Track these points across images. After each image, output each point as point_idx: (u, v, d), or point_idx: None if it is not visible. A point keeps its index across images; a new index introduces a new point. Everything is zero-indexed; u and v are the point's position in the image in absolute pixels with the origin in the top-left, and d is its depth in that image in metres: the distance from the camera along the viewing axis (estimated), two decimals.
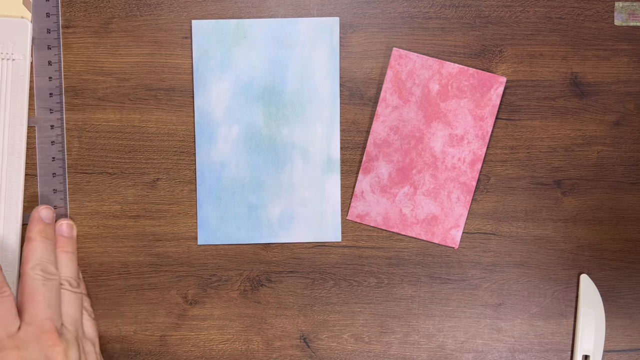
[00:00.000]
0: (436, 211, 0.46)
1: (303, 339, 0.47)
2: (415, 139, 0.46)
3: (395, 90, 0.46)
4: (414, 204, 0.46)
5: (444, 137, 0.46)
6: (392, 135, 0.46)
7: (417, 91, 0.46)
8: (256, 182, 0.47)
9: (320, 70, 0.47)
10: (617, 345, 0.47)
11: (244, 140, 0.47)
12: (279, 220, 0.47)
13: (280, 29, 0.46)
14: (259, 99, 0.47)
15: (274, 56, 0.47)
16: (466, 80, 0.46)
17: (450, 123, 0.46)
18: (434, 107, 0.46)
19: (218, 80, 0.47)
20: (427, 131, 0.46)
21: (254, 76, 0.47)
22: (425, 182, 0.46)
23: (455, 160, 0.46)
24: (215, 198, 0.47)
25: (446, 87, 0.46)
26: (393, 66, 0.46)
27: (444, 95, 0.46)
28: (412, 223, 0.46)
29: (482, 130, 0.46)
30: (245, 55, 0.46)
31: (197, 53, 0.46)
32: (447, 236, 0.46)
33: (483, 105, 0.46)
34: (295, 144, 0.47)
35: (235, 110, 0.47)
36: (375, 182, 0.46)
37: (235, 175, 0.47)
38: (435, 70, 0.46)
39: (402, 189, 0.46)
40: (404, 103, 0.46)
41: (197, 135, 0.47)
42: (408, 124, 0.46)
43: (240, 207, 0.47)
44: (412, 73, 0.46)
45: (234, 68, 0.47)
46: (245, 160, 0.47)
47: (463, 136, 0.46)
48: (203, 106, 0.47)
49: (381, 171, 0.46)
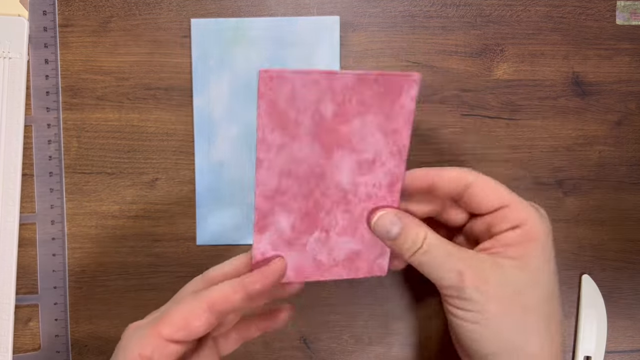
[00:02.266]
0: (357, 247, 0.38)
1: (303, 340, 0.47)
2: (316, 176, 0.35)
3: (275, 126, 0.33)
4: (330, 247, 0.38)
5: (352, 166, 0.36)
6: (284, 181, 0.35)
7: (305, 120, 0.33)
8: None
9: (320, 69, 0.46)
10: (619, 346, 0.47)
11: (243, 140, 0.46)
12: None
13: (280, 28, 0.46)
14: None
15: (273, 55, 0.46)
16: (368, 89, 0.34)
17: (357, 148, 0.35)
18: (332, 134, 0.34)
19: (217, 80, 0.46)
20: (329, 164, 0.35)
21: (253, 75, 0.46)
22: (338, 221, 0.37)
23: (370, 188, 0.36)
24: (214, 198, 0.47)
25: (343, 105, 0.34)
26: (264, 94, 0.32)
27: (342, 117, 0.34)
28: (330, 266, 0.38)
29: (398, 145, 0.36)
30: (244, 55, 0.46)
31: (196, 52, 0.46)
32: (372, 267, 0.39)
33: (394, 115, 0.35)
34: None
35: (235, 109, 0.46)
36: (277, 238, 0.36)
37: (235, 175, 0.47)
38: (324, 88, 0.33)
39: (311, 236, 0.37)
40: (291, 139, 0.34)
41: (196, 134, 0.46)
42: (303, 163, 0.35)
43: (239, 207, 0.47)
44: (294, 98, 0.33)
45: (234, 67, 0.46)
46: (244, 160, 0.47)
47: (374, 159, 0.36)
48: (202, 106, 0.46)
49: (281, 225, 0.36)
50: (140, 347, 0.33)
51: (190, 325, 0.33)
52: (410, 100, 0.35)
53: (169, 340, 0.33)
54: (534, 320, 0.34)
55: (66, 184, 0.47)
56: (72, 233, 0.47)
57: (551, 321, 0.35)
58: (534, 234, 0.35)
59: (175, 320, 0.33)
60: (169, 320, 0.33)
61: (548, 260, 0.35)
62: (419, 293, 0.47)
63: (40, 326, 0.47)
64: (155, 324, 0.34)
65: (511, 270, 0.34)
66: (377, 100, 0.34)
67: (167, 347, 0.33)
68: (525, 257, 0.35)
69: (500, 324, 0.34)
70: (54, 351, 0.47)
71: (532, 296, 0.35)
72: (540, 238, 0.35)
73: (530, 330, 0.34)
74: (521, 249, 0.35)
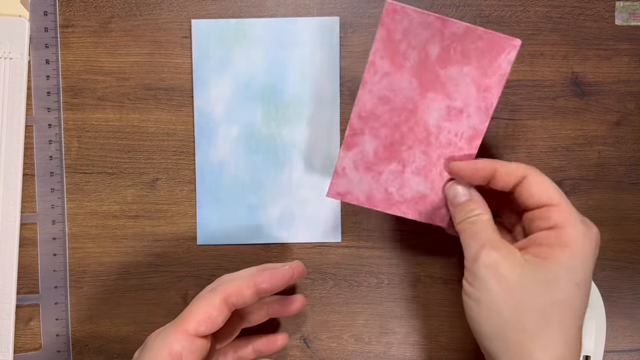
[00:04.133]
0: (425, 190, 0.40)
1: (303, 339, 0.47)
2: (407, 111, 0.39)
3: (386, 53, 0.38)
4: (401, 182, 0.40)
5: (441, 110, 0.39)
6: (380, 106, 0.39)
7: (412, 55, 0.38)
8: (256, 182, 0.47)
9: (321, 70, 0.46)
10: (618, 345, 0.47)
11: (244, 140, 0.47)
12: (279, 220, 0.47)
13: (280, 29, 0.46)
14: (258, 98, 0.46)
15: (273, 56, 0.46)
16: (473, 43, 0.38)
17: (450, 94, 0.39)
18: (431, 75, 0.38)
19: (217, 80, 0.46)
20: (422, 102, 0.39)
21: (253, 76, 0.46)
22: (416, 160, 0.40)
23: (452, 135, 0.39)
24: (215, 198, 0.47)
25: (448, 50, 0.38)
26: (385, 23, 0.37)
27: (444, 61, 0.38)
28: (397, 202, 0.41)
29: (486, 103, 0.39)
30: (245, 55, 0.46)
31: (197, 53, 0.46)
32: (435, 214, 0.41)
33: (491, 73, 0.38)
34: (295, 144, 0.47)
35: (235, 110, 0.46)
36: (359, 159, 0.40)
37: (235, 175, 0.47)
38: (436, 30, 0.37)
39: (388, 166, 0.40)
40: (397, 69, 0.38)
41: (197, 135, 0.47)
42: (400, 94, 0.39)
43: (239, 207, 0.47)
44: (408, 32, 0.37)
45: (234, 68, 0.46)
46: (244, 161, 0.47)
47: (462, 109, 0.39)
48: (202, 106, 0.46)
49: (366, 147, 0.40)
50: (168, 346, 0.35)
51: (211, 316, 0.36)
52: (507, 63, 0.38)
53: (195, 334, 0.36)
54: (534, 321, 0.34)
55: (67, 183, 0.47)
56: (73, 233, 0.47)
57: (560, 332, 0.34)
58: (568, 240, 0.34)
59: (198, 315, 0.36)
60: (192, 317, 0.36)
61: (573, 270, 0.34)
62: (419, 293, 0.47)
63: (41, 326, 0.47)
64: (178, 322, 0.36)
65: (528, 266, 0.34)
66: (477, 55, 0.38)
67: (194, 343, 0.36)
68: (549, 260, 0.34)
69: (498, 310, 0.34)
70: (55, 351, 0.47)
71: (540, 298, 0.34)
72: (573, 245, 0.34)
73: (529, 331, 0.34)
74: (549, 250, 0.35)
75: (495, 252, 0.35)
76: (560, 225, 0.35)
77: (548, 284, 0.34)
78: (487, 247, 0.35)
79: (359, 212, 0.47)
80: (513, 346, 0.34)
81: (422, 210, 0.41)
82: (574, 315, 0.34)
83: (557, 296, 0.34)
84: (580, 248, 0.34)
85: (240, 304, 0.38)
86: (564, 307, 0.34)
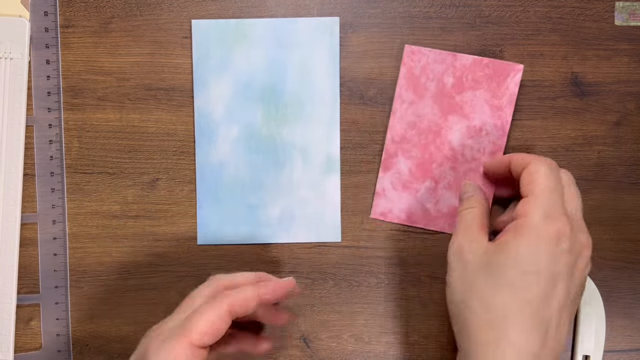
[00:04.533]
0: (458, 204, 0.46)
1: (303, 339, 0.47)
2: (433, 133, 0.46)
3: (409, 86, 0.46)
4: (437, 198, 0.46)
5: (462, 130, 0.46)
6: (409, 131, 0.46)
7: (431, 86, 0.46)
8: (256, 182, 0.47)
9: (320, 70, 0.46)
10: (618, 345, 0.47)
11: (244, 140, 0.47)
12: (279, 220, 0.47)
13: (280, 29, 0.46)
14: (258, 98, 0.47)
15: (273, 56, 0.46)
16: (481, 70, 0.45)
17: (467, 115, 0.46)
18: (449, 100, 0.46)
19: (218, 80, 0.46)
20: (445, 125, 0.46)
21: (253, 76, 0.46)
22: (446, 176, 0.46)
23: (475, 151, 0.46)
24: (215, 198, 0.47)
25: (461, 79, 0.45)
26: (406, 62, 0.46)
27: (459, 88, 0.46)
28: (435, 217, 0.46)
29: (501, 120, 0.45)
30: (245, 55, 0.46)
31: (197, 53, 0.46)
32: None
33: (500, 94, 0.45)
34: (295, 144, 0.47)
35: (235, 110, 0.47)
36: (396, 179, 0.46)
37: (235, 175, 0.47)
38: (448, 64, 0.46)
39: (423, 183, 0.46)
40: (419, 98, 0.46)
41: (197, 135, 0.47)
42: (424, 119, 0.46)
43: (240, 207, 0.47)
44: (426, 68, 0.46)
45: (234, 68, 0.46)
46: (244, 161, 0.47)
47: (481, 127, 0.46)
48: (203, 106, 0.46)
49: (401, 167, 0.46)
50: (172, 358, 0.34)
51: (217, 327, 0.35)
52: (514, 84, 0.45)
53: (200, 346, 0.35)
54: (478, 302, 0.37)
55: (67, 183, 0.47)
56: (73, 233, 0.47)
57: (504, 316, 0.36)
58: (521, 230, 0.37)
59: (202, 325, 0.35)
60: (196, 328, 0.35)
61: (521, 258, 0.36)
62: (419, 293, 0.47)
63: (42, 325, 0.47)
64: (182, 332, 0.35)
65: (487, 252, 0.38)
66: (487, 80, 0.45)
67: (198, 353, 0.35)
68: (501, 246, 0.37)
69: (456, 291, 0.39)
70: (55, 350, 0.47)
71: (486, 280, 0.37)
72: (525, 235, 0.36)
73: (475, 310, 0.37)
74: (505, 238, 0.37)
75: (462, 238, 0.39)
76: (521, 215, 0.37)
77: (495, 268, 0.37)
78: (459, 234, 0.40)
79: (359, 212, 0.47)
80: (462, 325, 0.38)
81: None
82: (524, 301, 0.36)
83: (501, 281, 0.36)
84: (532, 239, 0.36)
85: (242, 313, 0.37)
86: (509, 293, 0.36)
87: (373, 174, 0.47)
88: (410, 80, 0.46)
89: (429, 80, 0.46)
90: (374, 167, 0.47)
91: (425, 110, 0.46)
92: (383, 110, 0.47)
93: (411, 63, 0.46)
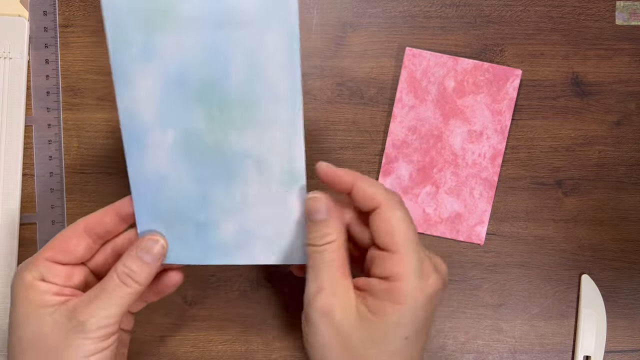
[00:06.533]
0: (459, 209, 0.46)
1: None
2: (434, 137, 0.46)
3: (410, 90, 0.46)
4: (437, 203, 0.46)
5: (463, 134, 0.46)
6: (410, 135, 0.46)
7: (432, 89, 0.46)
8: (203, 198, 0.37)
9: (274, 59, 0.35)
10: (618, 345, 0.47)
11: (183, 148, 0.36)
12: (234, 240, 0.38)
13: (220, 4, 0.34)
14: (196, 97, 0.35)
15: (211, 40, 0.34)
16: (481, 75, 0.45)
17: (468, 119, 0.46)
18: (450, 105, 0.46)
19: (142, 74, 0.35)
20: (446, 129, 0.46)
21: (187, 67, 0.35)
22: (447, 180, 0.46)
23: (476, 156, 0.46)
24: (156, 216, 0.38)
25: (462, 83, 0.45)
26: (407, 66, 0.46)
27: (460, 92, 0.46)
28: (436, 222, 0.46)
29: (501, 125, 0.46)
30: (175, 41, 0.35)
31: (114, 38, 0.35)
32: (471, 233, 0.46)
33: (500, 99, 0.45)
34: (247, 153, 0.36)
35: (168, 111, 0.36)
36: (397, 184, 0.46)
37: (177, 190, 0.37)
38: (449, 67, 0.46)
39: (424, 188, 0.46)
40: (420, 102, 0.46)
41: (126, 142, 0.36)
42: (426, 123, 0.46)
43: (186, 226, 0.38)
44: (427, 71, 0.46)
45: (162, 57, 0.35)
46: (187, 173, 0.37)
47: (482, 132, 0.46)
48: (129, 106, 0.36)
49: (402, 172, 0.46)
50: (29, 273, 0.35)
51: (69, 245, 0.36)
52: (512, 89, 0.46)
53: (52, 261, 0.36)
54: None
55: (66, 183, 0.47)
56: None
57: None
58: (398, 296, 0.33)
59: (56, 243, 0.36)
60: (50, 245, 0.36)
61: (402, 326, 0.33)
62: None
63: None
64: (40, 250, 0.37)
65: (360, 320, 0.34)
66: (487, 84, 0.46)
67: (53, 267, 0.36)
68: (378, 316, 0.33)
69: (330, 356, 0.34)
70: None
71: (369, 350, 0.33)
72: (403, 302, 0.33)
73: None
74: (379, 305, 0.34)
75: (332, 299, 0.34)
76: (394, 279, 0.33)
77: (376, 338, 0.33)
78: (325, 291, 0.34)
79: None
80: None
81: (459, 229, 0.46)
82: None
83: (385, 348, 0.33)
84: (411, 305, 0.33)
85: (103, 232, 0.37)
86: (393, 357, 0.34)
87: (373, 175, 0.47)
88: (411, 84, 0.46)
89: (430, 84, 0.46)
90: (374, 167, 0.47)
91: (427, 115, 0.46)
92: (383, 110, 0.47)
93: (412, 66, 0.46)
